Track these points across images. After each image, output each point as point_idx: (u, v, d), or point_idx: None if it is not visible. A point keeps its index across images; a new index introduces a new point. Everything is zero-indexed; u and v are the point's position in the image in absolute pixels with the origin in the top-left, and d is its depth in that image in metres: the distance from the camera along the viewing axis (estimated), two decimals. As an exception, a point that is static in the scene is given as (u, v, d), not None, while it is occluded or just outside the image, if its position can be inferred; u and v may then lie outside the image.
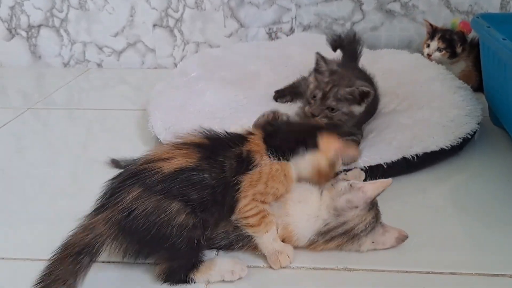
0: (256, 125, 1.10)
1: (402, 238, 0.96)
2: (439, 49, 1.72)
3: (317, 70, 1.25)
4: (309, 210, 0.95)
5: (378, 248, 0.96)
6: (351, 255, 0.97)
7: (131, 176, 0.87)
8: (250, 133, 0.97)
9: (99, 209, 0.88)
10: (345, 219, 0.93)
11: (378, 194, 0.94)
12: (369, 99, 1.21)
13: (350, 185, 0.93)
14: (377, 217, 0.96)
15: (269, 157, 0.92)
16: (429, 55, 1.75)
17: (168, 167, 0.86)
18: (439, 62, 1.72)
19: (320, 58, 1.25)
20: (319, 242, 0.94)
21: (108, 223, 0.86)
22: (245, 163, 0.91)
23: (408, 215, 1.09)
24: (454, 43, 1.71)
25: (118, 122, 1.66)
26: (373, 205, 0.95)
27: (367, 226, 0.94)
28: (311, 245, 0.95)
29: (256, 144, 0.94)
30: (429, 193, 1.20)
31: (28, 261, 1.00)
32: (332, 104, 1.19)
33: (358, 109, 1.22)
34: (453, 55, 1.72)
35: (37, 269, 0.96)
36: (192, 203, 0.86)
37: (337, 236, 0.94)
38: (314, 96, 1.21)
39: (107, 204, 0.87)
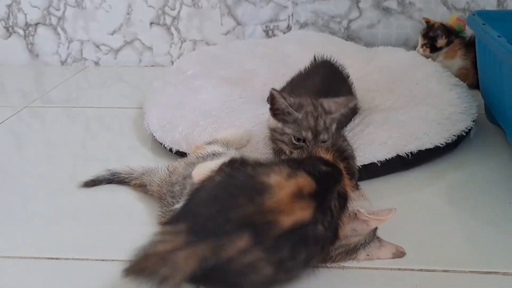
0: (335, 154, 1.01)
1: (399, 254, 0.95)
2: (422, 46, 1.79)
3: (277, 110, 1.08)
4: None
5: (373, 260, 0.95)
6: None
7: (243, 223, 0.75)
8: (336, 162, 0.93)
9: (190, 237, 0.74)
10: (349, 243, 0.93)
11: None
12: (352, 104, 1.11)
13: (355, 213, 0.90)
14: (375, 229, 0.95)
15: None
16: (418, 51, 1.81)
17: (287, 222, 0.76)
18: (428, 57, 1.76)
19: (278, 95, 1.06)
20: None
21: (193, 261, 0.73)
22: (342, 201, 0.87)
23: (402, 212, 1.09)
24: (436, 38, 1.76)
25: (116, 120, 1.66)
26: None
27: (367, 240, 0.94)
28: None
29: (346, 176, 0.91)
30: (424, 190, 1.20)
31: (26, 259, 1.00)
32: (325, 137, 1.05)
33: (334, 126, 1.11)
34: (434, 49, 1.78)
35: (35, 267, 0.97)
36: (289, 268, 0.79)
37: (337, 254, 0.93)
38: (299, 139, 1.05)
39: (202, 237, 0.74)
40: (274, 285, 0.83)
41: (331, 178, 0.87)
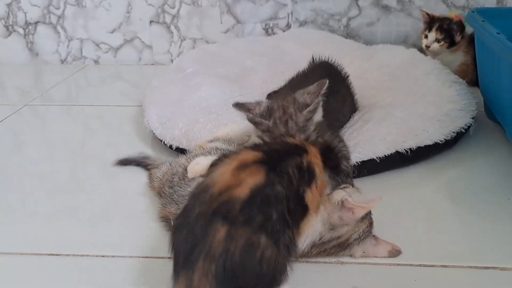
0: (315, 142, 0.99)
1: (395, 253, 0.95)
2: (437, 40, 1.72)
3: (251, 121, 1.03)
4: None
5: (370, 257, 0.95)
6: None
7: (207, 215, 0.76)
8: (305, 144, 0.93)
9: (186, 265, 0.75)
10: (339, 234, 0.92)
11: None
12: (324, 89, 1.04)
13: (343, 201, 0.90)
14: (370, 226, 0.94)
15: (328, 175, 0.91)
16: (427, 47, 1.74)
17: (242, 192, 0.77)
18: (437, 53, 1.72)
19: (238, 107, 1.02)
20: (312, 252, 0.93)
21: (208, 278, 0.73)
22: (307, 174, 0.86)
23: (402, 208, 1.10)
24: (452, 32, 1.70)
25: (116, 118, 1.67)
26: (366, 215, 0.93)
27: (361, 235, 0.93)
28: (304, 256, 0.93)
29: (315, 157, 0.90)
30: (423, 187, 1.21)
31: (25, 255, 1.00)
32: (301, 137, 1.00)
33: (319, 114, 1.06)
34: (452, 44, 1.72)
35: (33, 263, 0.97)
36: (273, 229, 0.77)
37: (330, 247, 0.93)
38: None
39: (193, 256, 0.74)
40: (285, 260, 0.80)
41: (285, 151, 0.88)
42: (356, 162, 1.16)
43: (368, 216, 0.94)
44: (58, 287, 0.92)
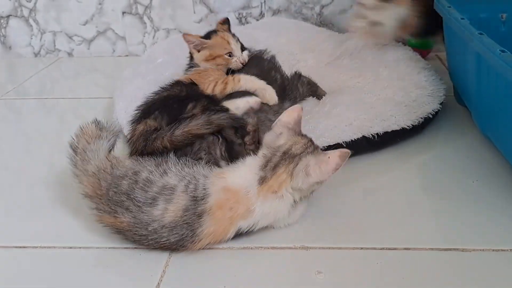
0: None
1: (345, 154, 0.95)
2: None
3: None
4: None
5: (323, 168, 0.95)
6: (308, 234, 0.99)
7: None
8: None
9: None
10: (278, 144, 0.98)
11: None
12: None
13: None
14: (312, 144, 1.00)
15: None
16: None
17: None
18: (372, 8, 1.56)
19: None
20: (267, 177, 0.95)
21: None
22: None
23: (368, 192, 1.12)
24: None
25: (91, 111, 1.65)
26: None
27: (304, 148, 0.97)
28: (264, 184, 0.95)
29: None
30: (390, 172, 1.22)
31: (3, 248, 1.01)
32: None
33: None
34: None
35: (11, 256, 0.99)
36: None
37: (278, 162, 0.95)
38: None
39: None
40: None
41: None
42: (323, 147, 1.17)
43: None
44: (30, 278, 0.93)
